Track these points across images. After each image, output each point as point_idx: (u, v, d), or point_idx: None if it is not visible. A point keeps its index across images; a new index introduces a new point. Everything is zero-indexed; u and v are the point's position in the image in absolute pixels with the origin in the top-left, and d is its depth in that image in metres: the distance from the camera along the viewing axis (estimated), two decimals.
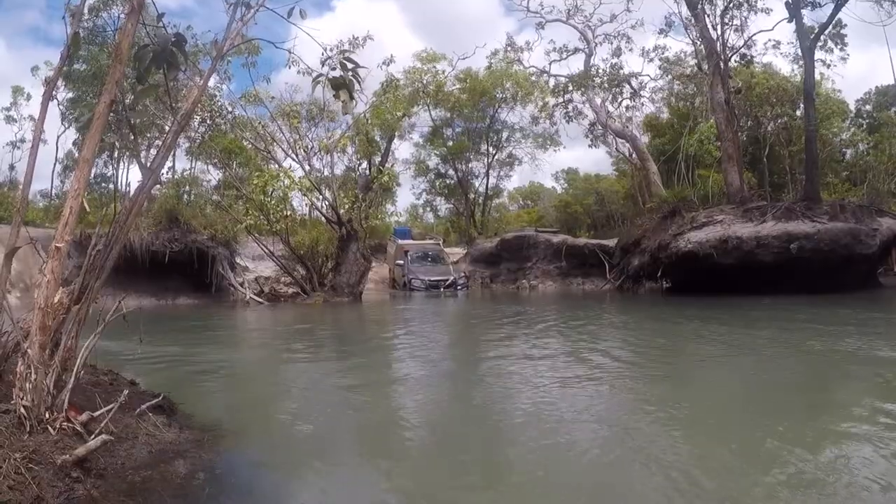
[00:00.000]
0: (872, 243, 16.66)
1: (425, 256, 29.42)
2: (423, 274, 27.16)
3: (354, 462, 4.56)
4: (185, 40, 4.74)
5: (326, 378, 8.04)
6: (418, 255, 29.25)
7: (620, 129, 32.97)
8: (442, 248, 32.03)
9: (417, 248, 30.43)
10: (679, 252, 17.96)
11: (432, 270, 27.93)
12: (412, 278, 26.92)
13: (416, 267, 28.02)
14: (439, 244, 33.14)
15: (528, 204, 61.05)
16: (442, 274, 27.61)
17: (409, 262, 28.32)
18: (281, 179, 21.96)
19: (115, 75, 3.87)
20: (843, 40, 26.75)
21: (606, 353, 9.06)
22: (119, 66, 3.90)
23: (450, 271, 28.21)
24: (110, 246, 4.09)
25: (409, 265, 28.16)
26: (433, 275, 27.15)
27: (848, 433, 4.76)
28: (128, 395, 4.25)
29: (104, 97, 3.75)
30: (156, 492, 3.44)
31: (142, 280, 19.78)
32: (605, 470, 4.23)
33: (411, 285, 26.69)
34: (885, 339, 9.11)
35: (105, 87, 3.81)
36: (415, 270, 27.64)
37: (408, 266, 28.11)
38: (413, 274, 27.29)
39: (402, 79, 32.42)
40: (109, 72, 4.02)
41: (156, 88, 4.97)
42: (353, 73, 5.19)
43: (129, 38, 4.00)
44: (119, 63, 3.92)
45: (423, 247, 31.04)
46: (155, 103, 17.62)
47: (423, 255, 29.45)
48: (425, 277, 26.71)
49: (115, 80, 3.83)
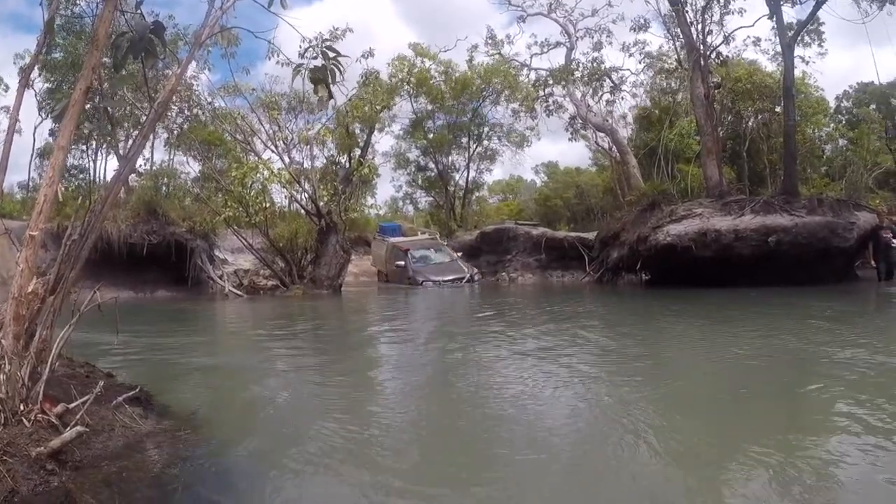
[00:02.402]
0: (850, 237, 16.84)
1: (429, 255, 26.62)
2: (433, 274, 24.66)
3: (333, 454, 4.53)
4: (164, 28, 4.68)
5: (305, 370, 8.02)
6: (422, 254, 26.42)
7: (600, 122, 33.05)
8: (441, 242, 29.34)
9: (418, 246, 27.40)
10: (658, 245, 18.04)
11: (443, 269, 25.34)
12: (423, 280, 24.25)
13: (422, 267, 25.41)
14: (436, 237, 30.56)
15: (508, 197, 61.17)
16: (455, 271, 25.06)
17: (412, 263, 25.51)
18: (260, 171, 21.82)
19: (91, 62, 3.81)
20: (820, 36, 27.03)
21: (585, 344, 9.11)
22: (96, 52, 3.85)
23: (462, 267, 25.56)
24: (85, 235, 4.04)
25: (413, 266, 25.40)
26: (446, 274, 24.73)
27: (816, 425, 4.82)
28: (104, 387, 4.21)
29: (80, 84, 3.70)
30: (132, 483, 3.40)
31: (119, 273, 19.57)
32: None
33: (423, 285, 23.95)
34: (838, 334, 9.16)
35: (81, 73, 3.75)
36: (422, 271, 25.02)
37: (411, 267, 25.25)
38: (422, 276, 24.59)
39: (389, 67, 32.45)
40: (86, 59, 3.96)
41: (133, 77, 4.91)
42: (334, 62, 5.15)
43: (107, 25, 3.94)
44: (96, 49, 3.86)
45: (423, 244, 28.00)
46: (133, 93, 17.44)
47: (427, 254, 26.58)
48: (437, 278, 24.27)
49: (92, 67, 3.77)
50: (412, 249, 26.37)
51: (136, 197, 22.87)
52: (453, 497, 3.75)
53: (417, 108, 38.31)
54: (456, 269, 25.27)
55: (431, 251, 26.93)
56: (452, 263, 25.98)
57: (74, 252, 4.04)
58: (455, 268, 25.48)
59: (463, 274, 24.79)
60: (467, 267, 25.67)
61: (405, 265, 25.46)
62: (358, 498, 3.78)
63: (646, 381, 6.51)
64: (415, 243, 27.92)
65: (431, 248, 27.27)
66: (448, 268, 25.48)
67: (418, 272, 24.87)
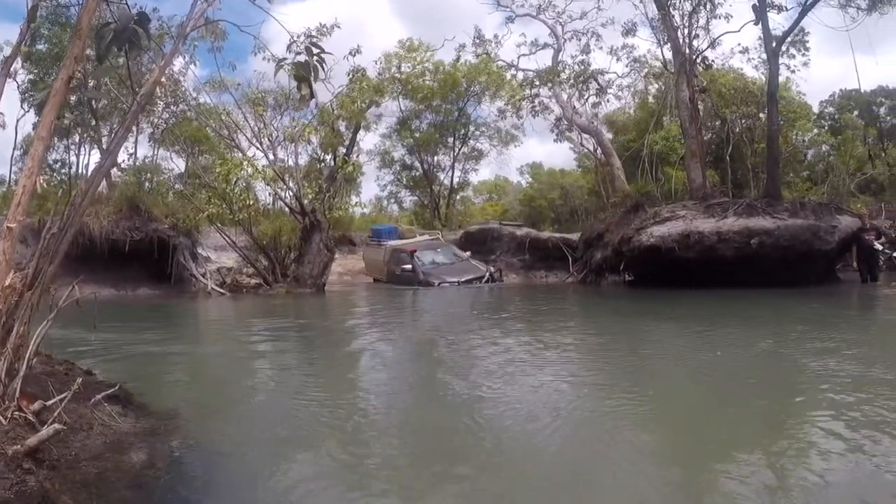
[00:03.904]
0: (831, 240, 16.98)
1: (439, 256, 24.86)
2: (448, 275, 22.99)
3: (314, 453, 4.49)
4: (149, 20, 4.61)
5: (287, 370, 8.00)
6: (431, 256, 24.69)
7: (585, 124, 33.12)
8: (446, 242, 27.53)
9: (424, 247, 25.56)
10: (641, 246, 18.09)
11: (458, 269, 23.74)
12: (438, 282, 22.50)
13: (434, 269, 23.69)
14: (439, 238, 28.74)
15: (493, 197, 61.19)
16: (471, 271, 23.56)
17: (419, 267, 23.67)
18: (244, 168, 21.65)
19: (73, 51, 3.73)
20: (805, 46, 27.32)
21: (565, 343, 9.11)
22: (78, 42, 3.77)
23: (478, 266, 24.15)
24: (65, 230, 3.96)
25: (424, 268, 23.66)
26: (462, 274, 23.14)
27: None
28: (83, 385, 4.13)
29: (62, 73, 3.62)
30: (111, 482, 3.34)
31: (101, 270, 19.29)
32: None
33: (439, 286, 22.29)
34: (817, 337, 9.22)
35: (63, 63, 3.67)
36: (436, 273, 23.34)
37: (420, 270, 23.46)
38: (437, 277, 22.84)
39: (377, 65, 32.36)
40: (68, 48, 3.88)
41: (116, 69, 4.83)
42: (318, 58, 5.10)
43: (91, 15, 3.86)
44: (79, 39, 3.78)
45: (428, 245, 26.18)
46: (118, 86, 17.26)
47: (436, 256, 24.88)
48: (454, 279, 22.69)
49: (74, 57, 3.69)
50: (419, 253, 24.47)
51: (119, 192, 22.63)
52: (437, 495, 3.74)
53: (404, 107, 38.29)
54: (472, 269, 23.92)
55: (440, 252, 25.31)
56: (466, 263, 24.58)
57: (53, 246, 3.96)
58: (470, 267, 24.16)
59: (480, 273, 23.49)
60: (483, 266, 24.43)
61: (413, 268, 23.59)
62: (339, 496, 3.76)
63: (618, 384, 6.52)
64: (420, 245, 26.10)
65: (439, 249, 25.66)
66: (463, 268, 24.05)
67: (431, 274, 23.24)
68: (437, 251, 25.13)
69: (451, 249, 25.64)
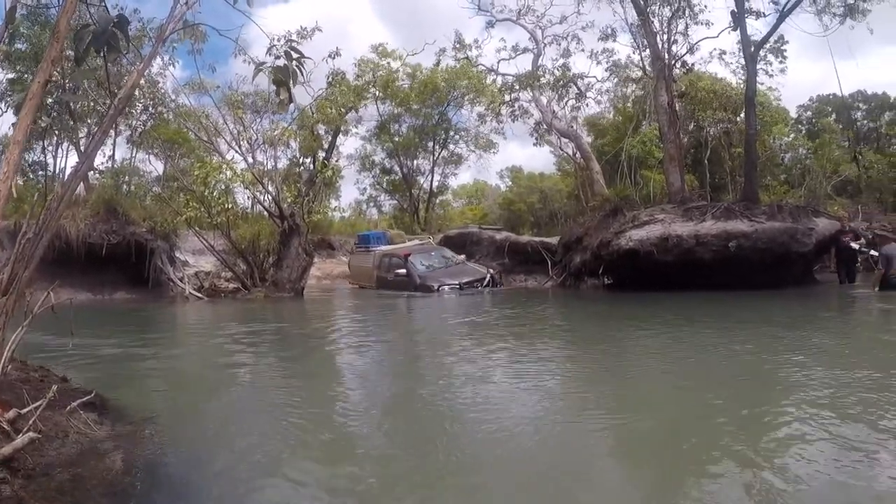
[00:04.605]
0: (808, 242, 17.14)
1: (434, 259, 23.78)
2: (447, 279, 21.77)
3: (290, 460, 4.47)
4: (128, 22, 4.56)
5: (264, 373, 7.99)
6: (426, 259, 23.56)
7: (565, 128, 33.27)
8: (438, 246, 26.62)
9: (417, 251, 24.40)
10: (620, 250, 18.16)
11: (456, 273, 22.54)
12: (438, 286, 21.25)
13: (430, 272, 22.49)
14: (430, 241, 28.11)
15: (472, 201, 61.22)
16: (470, 274, 22.47)
17: (416, 271, 22.43)
18: (223, 172, 21.49)
19: (51, 54, 3.69)
20: (782, 53, 27.65)
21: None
22: (56, 44, 3.73)
23: (477, 269, 23.18)
24: (40, 234, 3.91)
25: (420, 272, 22.37)
26: (462, 277, 21.98)
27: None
28: (58, 392, 4.09)
29: (39, 76, 3.58)
30: (86, 490, 3.30)
31: (78, 274, 19.15)
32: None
33: (439, 291, 21.14)
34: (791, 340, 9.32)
35: (41, 66, 3.63)
36: (434, 276, 22.11)
37: (416, 274, 22.23)
38: (436, 281, 21.66)
39: (355, 69, 32.23)
40: (47, 50, 3.83)
41: (93, 71, 4.78)
42: (297, 63, 5.08)
43: (69, 16, 3.82)
44: (56, 41, 3.74)
45: (421, 249, 25.08)
46: (97, 89, 17.10)
47: (431, 259, 23.74)
48: (454, 282, 21.45)
49: (52, 59, 3.65)
50: (413, 257, 23.29)
51: (97, 195, 22.42)
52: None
53: (384, 111, 38.25)
54: (471, 272, 22.83)
55: (433, 255, 24.22)
56: (464, 266, 23.58)
57: (29, 251, 3.91)
58: (469, 270, 23.12)
59: (481, 276, 22.32)
60: (483, 268, 23.41)
61: (409, 273, 22.39)
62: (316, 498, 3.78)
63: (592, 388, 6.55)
64: (412, 249, 25.14)
65: (433, 253, 24.62)
66: (461, 271, 22.92)
67: (428, 278, 22.02)
68: (431, 254, 24.24)
69: (444, 252, 24.79)
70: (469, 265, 23.86)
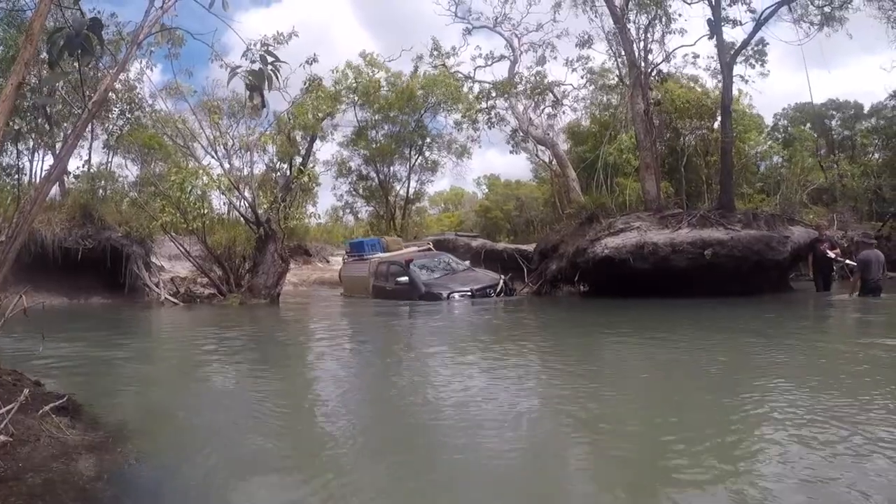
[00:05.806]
0: (784, 250, 17.31)
1: (438, 265, 22.34)
2: (457, 285, 20.27)
3: (265, 464, 4.47)
4: (102, 25, 4.55)
5: (238, 380, 7.94)
6: (430, 265, 22.20)
7: (541, 136, 33.43)
8: (440, 251, 24.96)
9: (422, 258, 22.87)
10: (596, 257, 18.24)
11: (466, 278, 21.09)
12: (447, 294, 19.60)
13: (438, 280, 21.02)
14: (431, 247, 26.26)
15: (449, 208, 61.35)
16: (481, 280, 20.85)
17: (420, 278, 20.80)
18: (199, 177, 21.38)
19: (24, 56, 3.69)
20: (763, 58, 27.90)
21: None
22: (30, 46, 3.73)
23: (487, 275, 21.59)
24: (13, 238, 3.89)
25: (422, 280, 20.78)
26: (472, 283, 20.39)
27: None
28: (30, 396, 4.07)
29: (12, 79, 3.57)
30: (57, 495, 3.29)
31: (53, 278, 19.05)
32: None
33: (448, 298, 19.43)
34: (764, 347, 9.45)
35: (14, 67, 3.63)
36: (441, 283, 20.65)
37: (421, 281, 20.59)
38: (445, 288, 20.02)
39: (333, 74, 32.28)
40: (20, 53, 3.83)
41: (66, 74, 4.76)
42: (272, 67, 5.09)
43: (42, 19, 3.82)
44: (30, 44, 3.74)
45: (426, 256, 23.40)
46: (72, 92, 16.98)
47: (435, 265, 22.32)
48: (464, 288, 19.89)
49: (25, 62, 3.64)
50: (416, 264, 21.74)
51: (72, 200, 22.27)
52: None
53: (361, 117, 38.24)
54: (482, 278, 21.14)
55: (437, 261, 22.73)
56: (473, 271, 22.25)
57: (1, 255, 3.89)
58: (480, 276, 21.45)
59: (493, 282, 20.57)
60: (495, 274, 21.76)
61: (412, 280, 20.62)
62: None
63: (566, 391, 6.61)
64: (413, 255, 23.31)
65: (436, 259, 23.05)
66: (471, 277, 21.37)
67: (434, 285, 20.48)
68: (435, 260, 22.84)
69: (448, 258, 23.31)
70: (479, 270, 22.60)
